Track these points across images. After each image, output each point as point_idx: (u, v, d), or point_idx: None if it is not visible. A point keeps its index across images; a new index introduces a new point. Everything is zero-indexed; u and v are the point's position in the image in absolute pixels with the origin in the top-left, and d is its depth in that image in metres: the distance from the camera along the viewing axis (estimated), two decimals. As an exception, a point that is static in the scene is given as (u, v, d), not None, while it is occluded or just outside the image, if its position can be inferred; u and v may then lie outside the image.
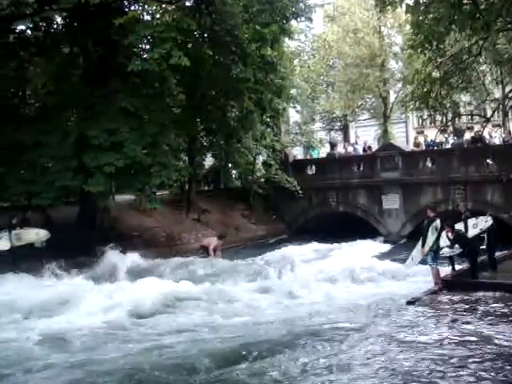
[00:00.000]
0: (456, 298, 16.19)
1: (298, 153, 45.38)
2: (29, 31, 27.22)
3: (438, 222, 17.04)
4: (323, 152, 41.66)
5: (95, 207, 26.85)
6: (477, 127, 28.71)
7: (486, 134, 29.76)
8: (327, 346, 12.59)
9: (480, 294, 16.14)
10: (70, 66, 27.07)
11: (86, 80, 26.36)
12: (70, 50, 27.71)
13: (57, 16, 26.22)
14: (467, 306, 15.24)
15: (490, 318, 13.97)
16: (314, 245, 28.62)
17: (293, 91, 36.26)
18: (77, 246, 23.68)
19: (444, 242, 17.61)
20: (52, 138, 24.61)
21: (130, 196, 27.54)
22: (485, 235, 18.93)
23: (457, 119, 29.20)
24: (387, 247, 28.64)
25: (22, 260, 22.01)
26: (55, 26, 27.90)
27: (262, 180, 35.60)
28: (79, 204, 27.54)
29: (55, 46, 27.15)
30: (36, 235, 22.82)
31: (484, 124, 22.57)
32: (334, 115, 49.71)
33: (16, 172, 24.92)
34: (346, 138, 49.84)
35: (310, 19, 29.93)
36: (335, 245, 28.00)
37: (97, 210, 27.10)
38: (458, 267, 18.48)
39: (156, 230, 29.06)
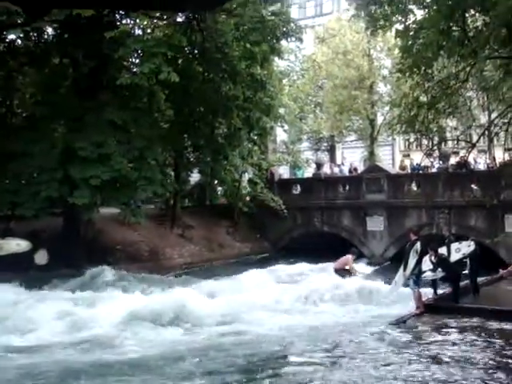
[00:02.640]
0: (437, 321, 16.22)
1: (284, 172, 45.44)
2: (19, 41, 27.24)
3: (418, 246, 17.04)
4: (308, 172, 41.74)
5: (79, 219, 26.75)
6: (462, 152, 28.92)
7: (471, 160, 29.96)
8: (306, 365, 12.58)
9: (461, 318, 16.18)
10: (59, 76, 27.10)
11: (75, 91, 26.38)
12: (60, 61, 27.75)
13: (48, 27, 26.26)
14: (447, 331, 15.27)
15: (468, 343, 14.01)
16: (299, 264, 28.56)
17: (281, 110, 36.38)
18: (60, 257, 23.57)
19: (427, 265, 17.65)
20: (38, 149, 24.56)
21: (115, 209, 27.44)
22: (467, 260, 18.99)
23: (443, 144, 29.38)
24: (371, 269, 28.63)
25: (4, 270, 21.84)
26: (46, 37, 27.94)
27: (248, 198, 35.59)
28: (63, 215, 27.39)
29: (45, 56, 27.18)
30: (17, 246, 22.63)
31: (469, 149, 22.69)
32: (321, 135, 49.87)
33: (0, 182, 24.81)
34: (333, 159, 49.98)
35: (300, 40, 30.15)
36: (319, 265, 27.96)
37: (81, 222, 27.00)
38: (440, 291, 18.53)
39: (140, 244, 28.94)
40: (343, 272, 24.42)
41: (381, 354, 13.34)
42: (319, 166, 37.02)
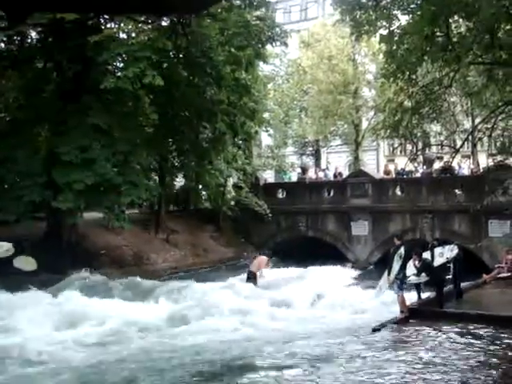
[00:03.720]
0: (420, 326, 16.21)
1: (269, 176, 45.44)
2: (2, 44, 27.07)
3: (401, 250, 17.05)
4: (295, 176, 41.77)
5: (63, 224, 26.57)
6: (446, 157, 29.09)
7: (455, 165, 30.14)
8: (288, 373, 12.54)
9: (445, 323, 16.18)
10: (43, 80, 26.96)
11: (59, 95, 26.25)
12: (44, 65, 27.58)
13: (31, 31, 26.10)
14: (431, 335, 15.27)
15: (452, 347, 14.02)
16: (283, 269, 28.52)
17: (266, 115, 36.41)
18: (42, 262, 23.33)
19: (411, 270, 17.67)
20: (22, 153, 24.42)
21: (99, 213, 27.30)
22: (451, 264, 19.04)
23: (427, 149, 29.53)
24: (355, 273, 28.66)
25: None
26: (29, 41, 27.79)
27: (232, 202, 35.53)
28: (47, 220, 27.22)
29: (29, 60, 27.02)
30: (0, 248, 22.40)
31: (453, 154, 22.85)
32: (306, 140, 49.97)
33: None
34: (318, 164, 50.08)
35: (285, 44, 30.20)
36: (303, 270, 27.95)
37: (64, 226, 26.81)
38: (424, 296, 18.55)
39: (124, 249, 28.80)
40: (253, 276, 24.38)
41: (364, 359, 13.32)
42: (304, 170, 37.04)
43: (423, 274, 17.52)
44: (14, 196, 24.01)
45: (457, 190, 28.90)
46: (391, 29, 19.52)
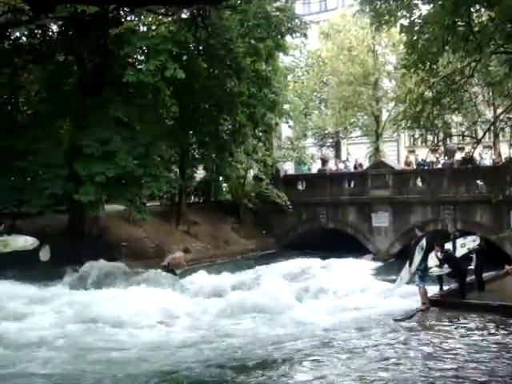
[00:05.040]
0: (443, 317, 16.21)
1: (289, 168, 45.41)
2: (24, 38, 27.27)
3: (423, 242, 17.00)
4: (314, 168, 41.71)
5: (85, 216, 26.78)
6: (467, 148, 28.84)
7: (476, 155, 29.87)
8: (313, 362, 12.59)
9: (467, 314, 16.17)
10: (64, 74, 27.15)
11: (80, 89, 26.43)
12: (65, 59, 27.77)
13: (52, 24, 26.29)
14: (453, 326, 15.27)
15: (474, 338, 14.02)
16: (303, 260, 28.52)
17: (286, 106, 36.29)
18: (65, 254, 23.59)
19: (433, 261, 17.63)
20: (44, 146, 24.63)
21: (120, 206, 27.48)
22: (473, 255, 18.95)
23: (448, 139, 29.29)
24: (376, 265, 28.58)
25: (10, 267, 21.86)
26: (51, 34, 27.98)
27: (253, 194, 35.55)
28: (68, 212, 27.44)
29: (50, 53, 27.22)
30: (24, 242, 22.63)
31: (475, 145, 22.64)
32: (326, 132, 49.83)
33: (5, 179, 24.85)
34: (338, 155, 49.95)
35: (305, 35, 30.10)
36: (325, 261, 27.93)
37: (86, 219, 27.02)
38: (446, 287, 18.50)
39: (145, 241, 28.97)
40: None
41: (386, 350, 13.35)
42: (324, 161, 37.00)
43: (445, 266, 17.48)
44: (37, 189, 24.23)
45: (478, 181, 28.67)
46: (412, 19, 19.35)
